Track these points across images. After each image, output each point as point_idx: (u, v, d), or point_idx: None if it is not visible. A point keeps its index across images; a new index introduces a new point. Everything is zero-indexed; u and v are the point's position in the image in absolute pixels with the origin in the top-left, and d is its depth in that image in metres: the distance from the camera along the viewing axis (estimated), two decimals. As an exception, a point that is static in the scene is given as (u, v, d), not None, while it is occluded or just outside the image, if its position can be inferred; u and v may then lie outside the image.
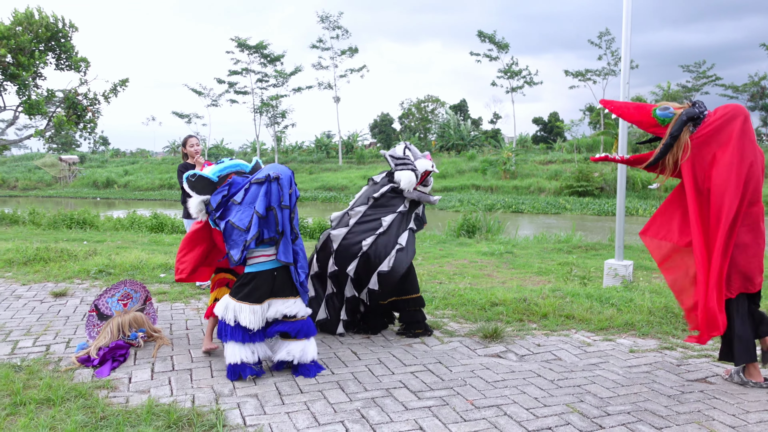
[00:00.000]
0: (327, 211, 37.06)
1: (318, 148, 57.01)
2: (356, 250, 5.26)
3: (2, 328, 5.80)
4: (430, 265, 12.00)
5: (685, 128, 4.26)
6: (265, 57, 49.77)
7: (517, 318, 5.98)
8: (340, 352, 5.07)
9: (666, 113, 4.34)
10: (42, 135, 21.62)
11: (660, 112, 4.36)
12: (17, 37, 20.76)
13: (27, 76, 21.07)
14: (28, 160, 63.11)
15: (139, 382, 4.42)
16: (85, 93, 22.23)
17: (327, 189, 46.09)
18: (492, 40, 46.52)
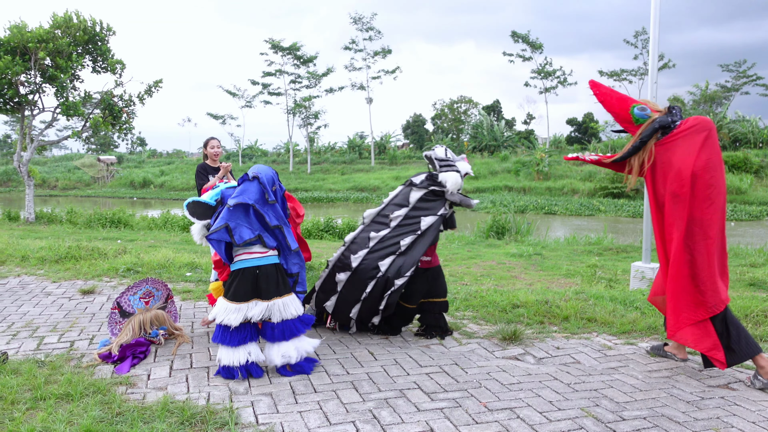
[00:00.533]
0: (358, 212, 37.16)
1: (350, 148, 57.19)
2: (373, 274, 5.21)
3: (30, 324, 5.93)
4: (456, 266, 11.97)
5: (655, 135, 4.39)
6: (298, 58, 50.10)
7: (538, 320, 5.92)
8: (357, 352, 5.08)
9: (643, 114, 4.46)
10: (79, 136, 22.06)
11: (637, 111, 4.47)
12: (56, 40, 21.24)
13: (65, 79, 21.53)
14: (68, 160, 64.51)
15: (157, 379, 4.48)
16: (121, 95, 22.64)
17: (359, 190, 46.19)
18: (526, 40, 46.20)
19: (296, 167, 54.33)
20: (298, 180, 49.97)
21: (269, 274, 4.58)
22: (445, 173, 5.38)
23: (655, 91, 7.42)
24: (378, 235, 5.33)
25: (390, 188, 44.57)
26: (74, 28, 21.97)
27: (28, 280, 8.01)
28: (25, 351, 5.10)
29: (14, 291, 7.38)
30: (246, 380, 4.44)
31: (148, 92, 23.25)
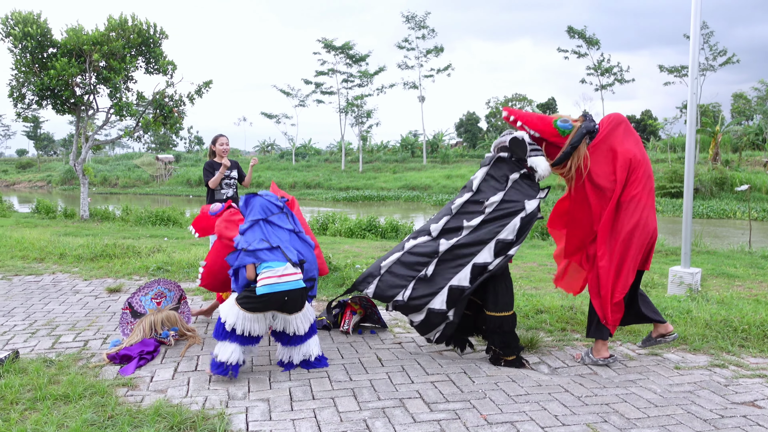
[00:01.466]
0: (409, 210, 37.03)
1: (403, 147, 57.11)
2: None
3: (51, 322, 6.01)
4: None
5: (584, 140, 4.65)
6: (350, 57, 50.26)
7: (560, 327, 5.66)
8: (365, 357, 4.94)
9: (566, 125, 4.69)
10: (131, 135, 22.56)
11: (561, 124, 4.70)
12: (110, 42, 21.76)
13: (118, 80, 22.04)
14: (128, 159, 66.40)
15: (160, 381, 4.44)
16: (171, 95, 23.06)
17: (410, 188, 46.04)
18: (582, 36, 45.22)
19: (348, 166, 54.54)
20: (349, 179, 50.15)
21: (296, 298, 4.43)
22: (536, 158, 4.74)
23: (696, 87, 7.04)
24: (471, 224, 4.72)
25: (441, 187, 44.30)
26: (129, 31, 22.47)
27: (61, 278, 8.16)
28: (39, 350, 5.14)
29: (45, 288, 7.52)
30: (245, 383, 4.36)
31: (198, 92, 23.62)
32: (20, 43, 21.57)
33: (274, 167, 56.14)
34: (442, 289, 4.69)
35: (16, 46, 21.71)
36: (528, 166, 4.76)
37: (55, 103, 23.32)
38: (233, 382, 4.39)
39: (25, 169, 68.86)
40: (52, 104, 23.62)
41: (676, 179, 34.30)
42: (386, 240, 17.45)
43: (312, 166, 56.30)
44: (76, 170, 23.63)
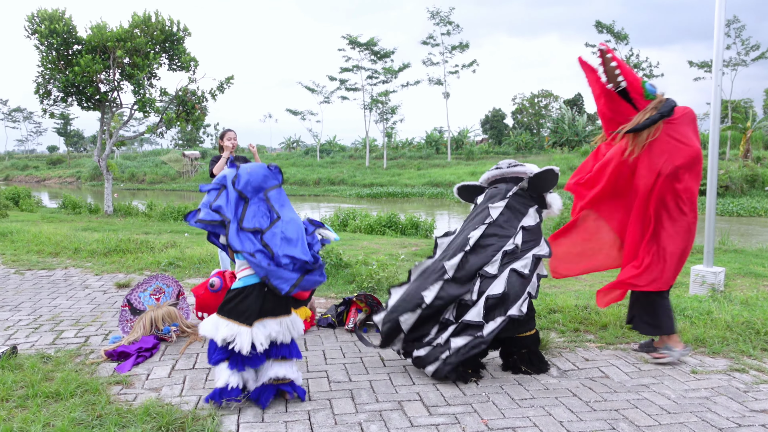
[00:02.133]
0: (433, 207, 36.79)
1: (428, 144, 56.82)
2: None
3: (56, 317, 5.95)
4: (515, 265, 11.48)
5: (670, 113, 4.44)
6: (375, 54, 50.08)
7: (573, 327, 5.44)
8: (368, 357, 4.78)
9: (653, 89, 4.50)
10: (153, 131, 22.66)
11: (649, 87, 4.50)
12: (133, 39, 21.86)
13: (141, 76, 22.13)
14: (156, 155, 67.03)
15: (155, 379, 4.33)
16: (193, 91, 23.11)
17: (434, 185, 45.78)
18: (610, 30, 44.51)
19: (372, 162, 54.43)
20: (374, 175, 50.02)
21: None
22: (553, 194, 4.66)
23: (720, 79, 6.75)
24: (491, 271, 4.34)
25: (465, 184, 43.86)
26: (152, 28, 22.55)
27: (72, 273, 8.13)
28: (40, 345, 5.08)
29: (55, 283, 7.49)
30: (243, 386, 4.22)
31: (220, 88, 23.65)
32: (46, 40, 21.77)
33: (299, 164, 56.22)
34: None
35: (42, 43, 21.91)
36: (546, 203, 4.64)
37: (80, 99, 23.50)
38: (229, 382, 4.26)
39: (56, 166, 69.91)
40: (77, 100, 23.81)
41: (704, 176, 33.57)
42: (406, 236, 17.27)
43: (336, 163, 56.27)
44: (100, 166, 23.81)
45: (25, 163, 74.91)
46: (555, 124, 55.96)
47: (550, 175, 4.52)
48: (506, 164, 4.77)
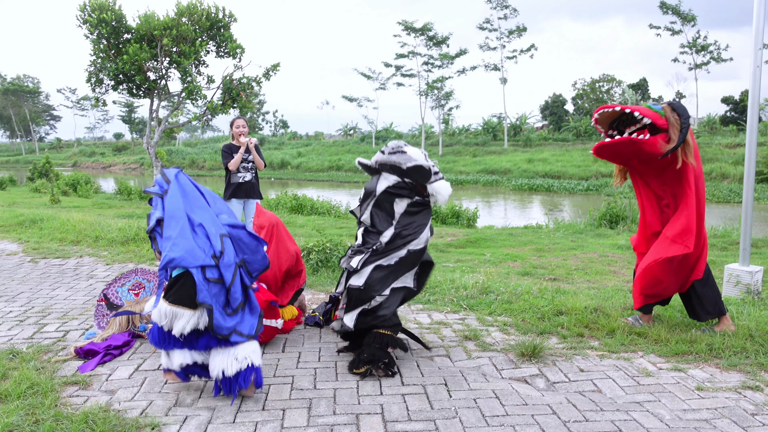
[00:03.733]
0: (487, 194, 36.14)
1: (485, 130, 55.89)
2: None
3: (47, 309, 5.84)
4: (552, 257, 11.01)
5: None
6: (431, 39, 49.41)
7: (577, 332, 4.98)
8: (343, 362, 4.45)
9: (657, 106, 4.71)
10: (199, 119, 22.82)
11: (653, 105, 4.71)
12: (179, 27, 21.99)
13: (187, 63, 22.26)
14: (215, 142, 68.20)
15: (114, 381, 4.12)
16: (239, 78, 23.13)
17: (489, 172, 44.98)
18: (676, 11, 42.64)
19: (428, 149, 53.89)
20: (428, 162, 49.51)
21: None
22: (438, 183, 4.43)
23: (760, 58, 6.11)
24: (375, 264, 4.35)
25: (521, 171, 43.06)
26: (198, 15, 22.63)
27: (85, 262, 8.08)
28: (17, 339, 4.95)
29: (63, 273, 7.43)
30: (201, 387, 3.97)
31: (266, 76, 23.60)
32: (95, 29, 22.12)
33: (354, 150, 56.18)
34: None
35: (92, 32, 22.28)
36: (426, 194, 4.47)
37: (130, 87, 23.85)
38: (188, 386, 4.02)
39: (121, 152, 71.99)
40: (128, 89, 24.18)
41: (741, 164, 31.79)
42: (446, 226, 16.86)
43: (393, 150, 55.89)
44: (149, 153, 24.15)
45: (92, 149, 77.45)
46: (617, 109, 54.01)
47: (419, 171, 4.35)
48: (388, 150, 4.52)
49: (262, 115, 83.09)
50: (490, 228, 17.69)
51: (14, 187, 35.09)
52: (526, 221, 19.12)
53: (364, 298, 4.28)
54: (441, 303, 5.91)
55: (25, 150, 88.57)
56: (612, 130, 4.92)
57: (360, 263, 4.32)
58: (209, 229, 3.80)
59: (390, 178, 4.45)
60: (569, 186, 35.96)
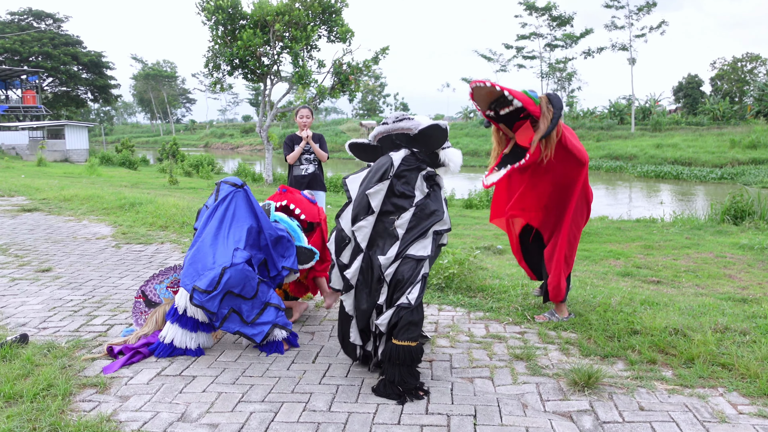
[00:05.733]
0: (610, 181, 34.36)
1: (611, 113, 53.20)
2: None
3: (105, 299, 5.85)
4: (661, 256, 10.10)
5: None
6: (554, 19, 47.45)
7: (648, 358, 4.29)
8: (371, 379, 4.05)
9: (534, 93, 4.53)
10: (308, 103, 22.99)
11: (530, 92, 4.53)
12: (291, 12, 22.21)
13: (298, 48, 22.46)
14: (336, 125, 69.33)
15: (132, 385, 3.96)
16: (348, 62, 23.10)
17: (613, 158, 42.81)
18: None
19: (549, 133, 52.15)
20: (549, 147, 47.81)
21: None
22: (449, 150, 4.10)
23: None
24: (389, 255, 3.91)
25: (648, 157, 40.63)
26: (311, 0, 22.77)
27: (163, 249, 8.15)
28: (63, 332, 4.94)
29: (138, 260, 7.51)
30: (212, 399, 3.72)
31: (375, 60, 23.42)
32: (212, 15, 22.76)
33: (473, 134, 55.23)
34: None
35: (209, 19, 22.95)
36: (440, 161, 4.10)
37: (245, 72, 24.43)
38: (201, 397, 3.78)
39: (248, 134, 74.83)
40: (243, 74, 24.80)
41: None
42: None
43: (512, 133, 54.54)
44: (261, 137, 24.67)
45: (222, 131, 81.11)
46: (761, 91, 49.71)
47: (437, 131, 3.98)
48: (393, 118, 4.14)
49: (382, 97, 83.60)
50: (602, 220, 16.61)
51: (145, 167, 37.22)
52: (648, 212, 17.81)
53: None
54: (505, 312, 5.37)
55: (162, 131, 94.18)
56: (489, 110, 4.78)
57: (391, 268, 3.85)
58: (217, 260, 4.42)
59: (400, 151, 4.05)
60: (701, 174, 33.42)
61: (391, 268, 3.81)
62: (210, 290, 4.28)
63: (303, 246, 4.87)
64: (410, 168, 3.99)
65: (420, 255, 3.82)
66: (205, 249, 4.49)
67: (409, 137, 4.04)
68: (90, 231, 9.50)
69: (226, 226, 4.58)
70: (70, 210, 11.68)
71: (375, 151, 4.25)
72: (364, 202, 3.97)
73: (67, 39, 62.87)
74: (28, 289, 6.22)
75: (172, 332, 4.45)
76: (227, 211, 4.65)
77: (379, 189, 3.93)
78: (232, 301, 4.37)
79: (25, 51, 58.36)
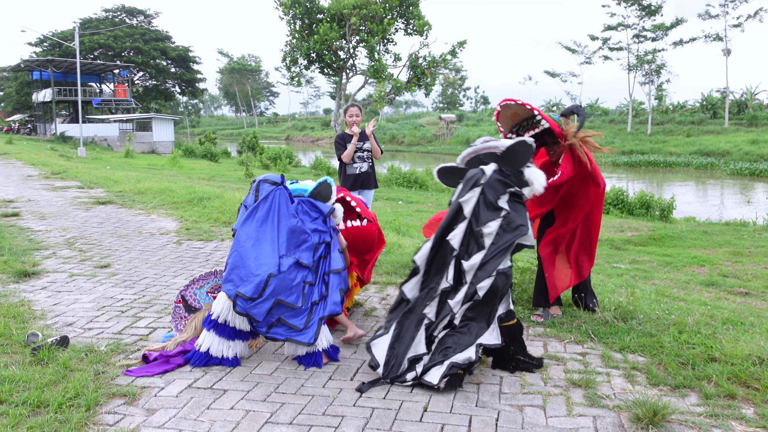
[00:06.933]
0: (700, 179, 32.69)
1: (702, 107, 50.65)
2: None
3: (153, 300, 5.77)
4: (752, 264, 9.44)
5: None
6: (643, 9, 45.46)
7: (727, 391, 3.76)
8: (410, 402, 3.73)
9: (556, 116, 4.80)
10: (382, 98, 22.77)
11: (554, 116, 4.78)
12: (369, 5, 22.03)
13: (374, 42, 22.25)
14: (415, 118, 69.04)
15: (161, 398, 3.79)
16: (425, 56, 22.72)
17: (704, 154, 40.79)
18: None
19: (635, 127, 50.14)
20: (635, 141, 46.01)
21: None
22: (532, 169, 4.28)
23: None
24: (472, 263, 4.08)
25: (743, 154, 38.47)
26: (389, -8, 22.54)
27: (223, 246, 8.07)
28: (106, 333, 4.86)
29: (196, 257, 7.45)
30: (239, 419, 3.49)
31: (452, 53, 22.98)
32: (290, 10, 22.85)
33: (555, 128, 53.81)
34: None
35: (286, 13, 23.06)
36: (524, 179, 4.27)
37: (321, 66, 24.44)
38: (228, 414, 3.56)
39: (329, 127, 75.49)
40: (319, 68, 24.82)
41: None
42: (633, 218, 15.19)
43: (595, 128, 52.77)
44: (336, 130, 24.62)
45: (303, 124, 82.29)
46: None
47: (523, 146, 4.22)
48: (480, 141, 4.44)
49: (462, 90, 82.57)
50: (690, 220, 15.69)
51: (226, 159, 38.03)
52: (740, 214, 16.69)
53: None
54: (567, 328, 4.93)
55: (246, 124, 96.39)
56: (512, 132, 4.89)
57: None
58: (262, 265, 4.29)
59: (491, 165, 4.27)
60: (802, 173, 31.38)
61: (486, 282, 3.96)
62: (255, 297, 4.11)
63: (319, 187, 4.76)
64: (499, 181, 4.16)
65: (506, 267, 4.01)
66: (247, 253, 4.29)
67: (496, 156, 4.27)
68: (156, 226, 9.56)
69: (269, 227, 4.37)
70: (142, 203, 11.86)
71: (462, 174, 4.40)
72: (456, 210, 4.17)
73: (156, 34, 65.16)
74: (83, 285, 6.22)
75: (208, 340, 4.27)
76: (270, 211, 4.43)
77: (471, 197, 4.15)
78: (281, 310, 4.19)
79: (118, 46, 60.81)
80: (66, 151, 34.47)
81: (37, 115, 62.54)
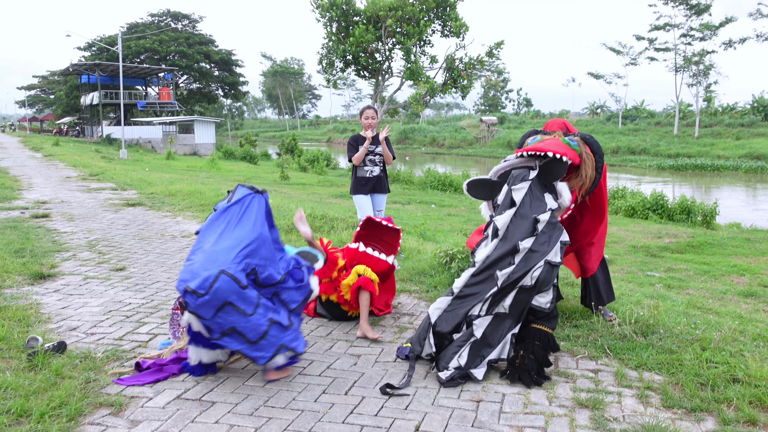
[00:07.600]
0: (749, 183, 31.64)
1: (754, 109, 49.09)
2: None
3: (163, 303, 5.70)
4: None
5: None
6: (691, 8, 44.27)
7: (747, 417, 3.45)
8: (402, 420, 3.53)
9: (572, 141, 4.58)
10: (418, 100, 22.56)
11: (568, 139, 4.61)
12: (405, 7, 21.87)
13: (410, 44, 22.07)
14: (456, 120, 68.62)
15: (148, 408, 3.67)
16: (461, 58, 22.46)
17: (754, 158, 39.54)
18: None
19: (682, 130, 48.84)
20: (681, 144, 44.84)
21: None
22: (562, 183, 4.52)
23: None
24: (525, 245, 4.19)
25: (794, 158, 37.10)
26: (425, -6, 22.37)
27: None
28: (107, 339, 4.78)
29: (212, 261, 7.36)
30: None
31: (490, 54, 22.67)
32: (327, 12, 22.83)
33: (598, 131, 52.78)
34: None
35: (323, 16, 23.05)
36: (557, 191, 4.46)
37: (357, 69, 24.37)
38: (211, 429, 3.42)
39: (369, 129, 75.73)
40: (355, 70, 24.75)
41: None
42: (673, 223, 14.67)
43: (640, 130, 51.66)
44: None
45: (345, 126, 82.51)
46: None
47: (556, 165, 4.37)
48: (513, 157, 4.57)
49: (505, 92, 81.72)
50: (735, 226, 15.08)
51: (265, 162, 38.31)
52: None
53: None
54: (583, 342, 4.66)
55: (289, 126, 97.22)
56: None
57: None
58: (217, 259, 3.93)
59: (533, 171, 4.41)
60: None
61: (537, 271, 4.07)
62: (201, 293, 3.68)
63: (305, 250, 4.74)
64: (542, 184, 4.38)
65: (556, 261, 4.14)
66: (205, 247, 3.94)
67: (531, 170, 4.40)
68: (179, 228, 9.55)
69: (233, 226, 4.00)
70: (171, 205, 11.90)
71: (493, 187, 4.51)
72: (508, 197, 4.35)
73: (200, 38, 66.19)
74: (95, 289, 6.18)
75: (195, 355, 4.15)
76: (241, 214, 4.07)
77: (522, 187, 4.32)
78: (232, 315, 3.80)
79: (163, 50, 61.94)
80: (109, 153, 35.12)
81: (85, 118, 64.17)
